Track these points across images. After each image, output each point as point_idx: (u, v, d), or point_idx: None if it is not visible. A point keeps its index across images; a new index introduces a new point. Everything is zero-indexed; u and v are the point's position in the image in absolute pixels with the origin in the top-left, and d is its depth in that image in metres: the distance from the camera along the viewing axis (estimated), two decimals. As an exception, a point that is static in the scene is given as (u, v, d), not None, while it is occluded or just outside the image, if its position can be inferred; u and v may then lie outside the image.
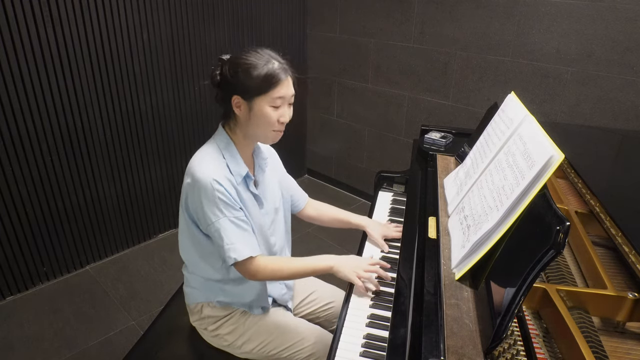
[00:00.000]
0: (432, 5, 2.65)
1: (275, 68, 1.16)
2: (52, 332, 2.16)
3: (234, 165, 1.22)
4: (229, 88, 1.19)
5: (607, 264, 1.08)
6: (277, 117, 1.19)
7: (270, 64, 1.16)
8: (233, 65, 1.18)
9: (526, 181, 0.90)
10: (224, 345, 1.33)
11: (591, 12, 2.12)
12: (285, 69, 1.18)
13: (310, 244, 2.86)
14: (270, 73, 1.15)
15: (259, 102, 1.17)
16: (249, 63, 1.16)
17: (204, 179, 1.14)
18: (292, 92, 1.21)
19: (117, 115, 2.49)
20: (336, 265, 1.24)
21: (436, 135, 1.79)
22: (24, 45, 2.06)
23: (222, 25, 2.82)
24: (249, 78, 1.15)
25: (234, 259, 1.16)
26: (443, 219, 1.23)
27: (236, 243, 1.16)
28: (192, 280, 1.34)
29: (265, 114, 1.18)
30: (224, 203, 1.15)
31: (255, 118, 1.18)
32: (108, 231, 2.67)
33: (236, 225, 1.17)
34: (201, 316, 1.33)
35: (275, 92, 1.16)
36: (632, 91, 2.09)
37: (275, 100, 1.17)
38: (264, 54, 1.19)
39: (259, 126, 1.20)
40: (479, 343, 0.83)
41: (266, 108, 1.17)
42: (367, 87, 3.17)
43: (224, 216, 1.16)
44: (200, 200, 1.16)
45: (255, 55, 1.18)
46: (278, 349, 1.30)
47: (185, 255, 1.33)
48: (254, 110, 1.18)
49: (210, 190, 1.14)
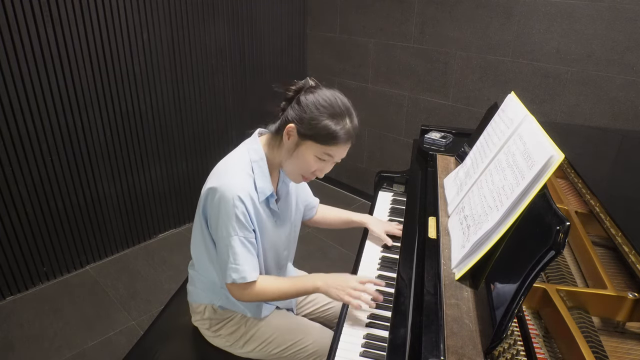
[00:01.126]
0: (432, 5, 2.65)
1: (345, 129, 1.13)
2: (52, 332, 2.16)
3: (261, 183, 1.19)
4: (293, 113, 1.14)
5: (607, 264, 1.08)
6: (315, 168, 1.17)
7: (341, 123, 1.12)
8: (310, 97, 1.13)
9: (526, 181, 0.90)
10: (226, 346, 1.33)
11: (591, 12, 2.12)
12: (352, 135, 1.15)
13: (310, 244, 2.86)
14: (336, 132, 1.11)
15: (310, 146, 1.13)
16: (324, 105, 1.11)
17: (227, 193, 1.11)
18: (343, 156, 1.20)
19: (117, 115, 2.49)
20: (324, 286, 1.19)
21: (436, 135, 1.79)
22: (24, 45, 2.06)
23: (222, 25, 2.82)
24: (317, 122, 1.10)
25: (234, 279, 1.15)
26: (443, 219, 1.23)
27: (241, 266, 1.15)
28: (197, 280, 1.34)
29: (306, 160, 1.15)
30: (239, 222, 1.13)
31: (297, 156, 1.15)
32: (108, 231, 2.67)
33: (244, 247, 1.16)
34: (203, 317, 1.33)
35: (330, 149, 1.14)
36: (632, 91, 2.09)
37: (324, 155, 1.15)
38: (343, 108, 1.14)
39: (293, 164, 1.17)
40: (479, 343, 0.83)
41: (311, 156, 1.14)
42: (367, 87, 3.17)
43: (236, 235, 1.13)
44: (217, 211, 1.14)
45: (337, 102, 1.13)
46: (279, 349, 1.30)
47: (195, 253, 1.32)
48: (301, 149, 1.14)
49: (230, 206, 1.11)
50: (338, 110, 1.12)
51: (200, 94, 2.84)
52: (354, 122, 1.16)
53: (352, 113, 1.16)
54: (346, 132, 1.13)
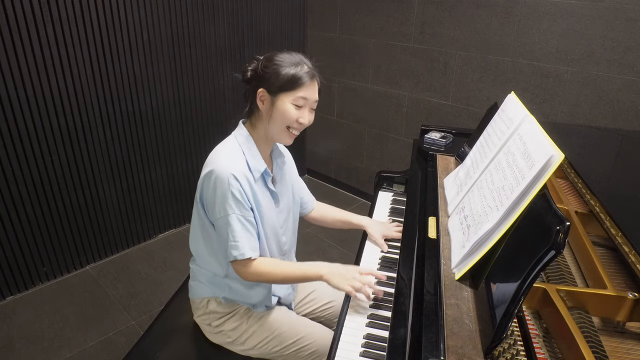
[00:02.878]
0: (432, 5, 2.65)
1: (304, 70, 1.21)
2: (52, 332, 2.16)
3: (253, 161, 1.24)
4: (257, 82, 1.23)
5: (607, 264, 1.08)
6: (296, 116, 1.23)
7: (299, 66, 1.21)
8: (265, 61, 1.23)
9: (526, 181, 0.90)
10: (227, 342, 1.33)
11: (591, 12, 2.12)
12: (312, 74, 1.23)
13: (310, 244, 2.86)
14: (297, 73, 1.20)
15: (283, 98, 1.21)
16: (280, 60, 1.21)
17: (222, 172, 1.16)
18: (316, 98, 1.25)
19: (117, 116, 2.49)
20: (327, 274, 1.22)
21: (436, 135, 1.79)
22: (24, 45, 2.06)
23: (222, 25, 2.82)
24: (278, 74, 1.20)
25: (234, 256, 1.19)
26: (443, 219, 1.23)
27: (240, 242, 1.19)
28: (199, 274, 1.35)
29: (286, 110, 1.21)
30: (235, 200, 1.17)
31: (276, 113, 1.22)
32: (108, 231, 2.67)
33: (242, 225, 1.19)
34: (206, 311, 1.34)
35: (300, 91, 1.21)
36: (632, 91, 2.09)
37: (298, 100, 1.21)
38: (296, 57, 1.24)
39: (277, 121, 1.23)
40: (479, 343, 0.83)
41: (288, 105, 1.21)
42: (367, 87, 3.17)
43: (233, 213, 1.18)
44: (214, 192, 1.18)
45: (289, 56, 1.23)
46: (280, 346, 1.30)
47: (195, 247, 1.34)
48: (276, 105, 1.21)
49: (226, 184, 1.16)
50: (293, 59, 1.22)
51: (200, 94, 2.84)
52: (311, 65, 1.25)
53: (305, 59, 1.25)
54: (307, 72, 1.22)
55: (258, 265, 1.23)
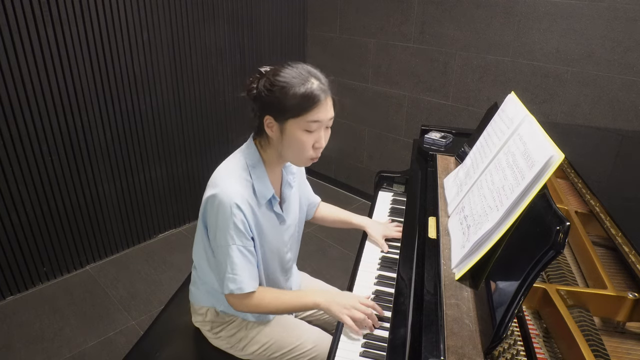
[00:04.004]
0: (432, 5, 2.65)
1: (313, 88, 1.07)
2: (52, 332, 2.16)
3: (260, 187, 1.17)
4: (262, 106, 1.12)
5: (607, 264, 1.08)
6: (311, 142, 1.11)
7: (308, 84, 1.07)
8: (269, 82, 1.09)
9: (526, 181, 0.90)
10: (226, 347, 1.33)
11: (591, 12, 2.12)
12: (324, 90, 1.09)
13: (310, 244, 2.86)
14: (307, 94, 1.06)
15: (292, 125, 1.08)
16: (285, 81, 1.07)
17: (225, 200, 1.09)
18: (331, 116, 1.12)
19: (117, 115, 2.49)
20: (325, 302, 1.15)
21: (436, 135, 1.79)
22: (24, 45, 2.06)
23: (222, 25, 2.82)
24: (284, 98, 1.06)
25: (231, 290, 1.13)
26: (443, 219, 1.23)
27: (239, 276, 1.13)
28: (199, 282, 1.33)
29: (297, 139, 1.09)
30: (237, 230, 1.11)
31: (287, 141, 1.11)
32: (108, 231, 2.67)
33: (243, 256, 1.14)
34: (205, 319, 1.33)
35: (311, 115, 1.07)
36: (632, 91, 2.09)
37: (310, 125, 1.08)
38: (303, 72, 1.10)
39: (291, 150, 1.13)
40: (479, 343, 0.83)
41: (299, 132, 1.09)
42: (367, 87, 3.17)
43: (234, 243, 1.12)
44: (216, 218, 1.12)
45: (293, 72, 1.09)
46: (280, 352, 1.29)
47: (197, 258, 1.31)
48: (286, 133, 1.10)
49: (228, 213, 1.09)
50: (298, 77, 1.08)
51: (200, 94, 2.84)
52: (320, 78, 1.11)
53: (314, 72, 1.12)
54: (315, 90, 1.07)
55: (254, 298, 1.17)
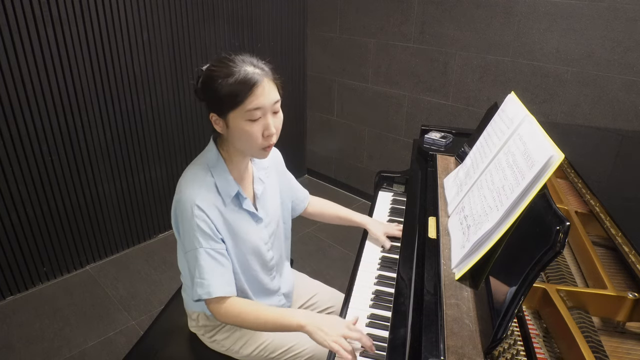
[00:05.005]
0: (432, 5, 2.65)
1: (247, 73, 1.02)
2: (52, 332, 2.16)
3: (223, 185, 1.13)
4: (205, 104, 1.09)
5: (607, 264, 1.08)
6: (260, 131, 1.05)
7: (238, 73, 1.02)
8: (205, 78, 1.06)
9: (526, 181, 0.90)
10: (222, 350, 1.32)
11: (591, 12, 2.12)
12: (260, 74, 1.03)
13: (310, 244, 2.86)
14: (240, 80, 1.01)
15: (234, 117, 1.04)
16: (217, 74, 1.03)
17: (185, 203, 1.07)
18: (274, 99, 1.06)
19: (117, 115, 2.49)
20: (309, 325, 1.05)
21: (436, 135, 1.79)
22: (24, 45, 2.06)
23: (222, 25, 2.82)
24: (219, 91, 1.02)
25: (199, 295, 1.08)
26: (443, 219, 1.23)
27: (207, 280, 1.07)
28: (187, 288, 1.32)
29: (243, 130, 1.04)
30: (202, 232, 1.07)
31: (235, 135, 1.07)
32: (108, 231, 2.67)
33: (212, 258, 1.09)
34: (198, 324, 1.33)
35: (249, 103, 1.02)
36: (632, 91, 2.09)
37: (251, 113, 1.03)
38: (236, 61, 1.04)
39: (241, 143, 1.09)
40: (479, 343, 0.83)
41: (243, 123, 1.04)
42: (367, 87, 3.17)
43: (201, 247, 1.07)
44: (182, 224, 1.10)
45: (226, 64, 1.04)
46: (276, 352, 1.28)
47: (180, 266, 1.30)
48: (231, 128, 1.06)
49: (189, 216, 1.06)
50: (230, 67, 1.03)
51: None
52: (255, 63, 1.06)
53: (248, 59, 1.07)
54: (248, 75, 1.01)
55: (231, 306, 1.10)
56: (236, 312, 1.10)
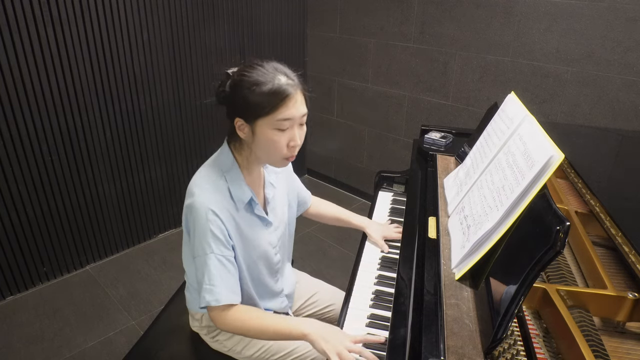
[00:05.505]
0: (432, 5, 2.65)
1: (281, 84, 1.03)
2: (52, 332, 2.16)
3: (237, 191, 1.14)
4: (231, 108, 1.09)
5: (607, 264, 1.08)
6: (285, 141, 1.07)
7: (273, 81, 1.03)
8: (235, 82, 1.07)
9: (526, 181, 0.90)
10: (224, 351, 1.32)
11: (591, 12, 2.12)
12: (293, 85, 1.05)
13: (310, 244, 2.86)
14: (274, 90, 1.02)
15: (262, 125, 1.05)
16: (250, 80, 1.03)
17: (200, 206, 1.07)
18: (303, 112, 1.07)
19: (117, 115, 2.49)
20: (313, 334, 1.04)
21: (436, 135, 1.79)
22: (24, 45, 2.06)
23: (222, 25, 2.82)
24: (250, 97, 1.03)
25: (208, 302, 1.07)
26: (443, 219, 1.23)
27: (216, 287, 1.07)
28: (191, 288, 1.32)
29: (269, 139, 1.05)
30: (215, 237, 1.07)
31: (259, 142, 1.07)
32: (108, 231, 2.67)
33: (222, 265, 1.09)
34: (201, 324, 1.32)
35: (280, 113, 1.03)
36: (632, 91, 2.09)
37: (281, 123, 1.04)
38: (269, 69, 1.06)
39: (264, 151, 1.09)
40: (479, 343, 0.83)
41: (270, 132, 1.05)
42: (367, 87, 3.17)
43: (212, 252, 1.07)
44: (194, 227, 1.09)
45: (259, 70, 1.05)
46: (278, 355, 1.28)
47: (186, 266, 1.30)
48: (257, 134, 1.06)
49: (203, 220, 1.06)
50: (263, 74, 1.04)
51: (200, 94, 2.84)
52: (288, 74, 1.07)
53: (281, 68, 1.08)
54: (282, 86, 1.03)
55: (235, 314, 1.09)
56: (239, 322, 1.10)
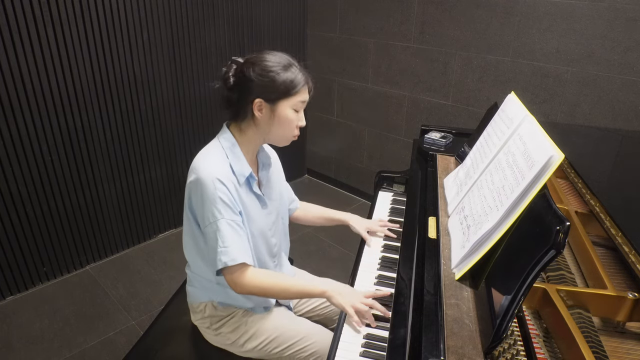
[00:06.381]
0: (432, 5, 2.65)
1: (298, 73, 1.20)
2: (52, 332, 2.16)
3: (237, 166, 1.22)
4: (250, 90, 1.18)
5: (607, 264, 1.08)
6: (297, 121, 1.23)
7: (292, 68, 1.19)
8: (257, 68, 1.18)
9: (526, 181, 0.90)
10: (226, 344, 1.33)
11: (591, 12, 2.12)
12: (306, 75, 1.22)
13: (310, 244, 2.86)
14: (295, 77, 1.19)
15: (283, 104, 1.19)
16: (272, 65, 1.17)
17: (206, 177, 1.14)
18: (308, 98, 1.25)
19: (117, 115, 2.49)
20: (330, 291, 1.19)
21: (436, 135, 1.79)
22: (24, 45, 2.06)
23: (222, 25, 2.82)
24: (275, 80, 1.17)
25: (224, 262, 1.14)
26: (443, 219, 1.23)
27: (230, 247, 1.14)
28: (194, 280, 1.34)
29: (287, 118, 1.20)
30: (223, 204, 1.14)
31: (279, 121, 1.21)
32: (108, 231, 2.67)
33: (233, 229, 1.16)
34: (204, 315, 1.33)
35: (300, 95, 1.20)
36: (632, 91, 2.09)
37: (299, 104, 1.21)
38: (284, 58, 1.20)
39: (280, 128, 1.22)
40: (479, 343, 0.83)
41: (289, 111, 1.20)
42: (367, 87, 3.17)
43: (222, 217, 1.14)
44: (201, 199, 1.15)
45: (277, 58, 1.20)
46: (280, 348, 1.30)
47: (188, 254, 1.33)
48: (277, 113, 1.20)
49: (211, 189, 1.14)
50: (285, 63, 1.19)
51: (200, 94, 2.83)
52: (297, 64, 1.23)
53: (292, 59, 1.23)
54: (302, 75, 1.21)
55: (254, 275, 1.18)
56: (258, 280, 1.18)
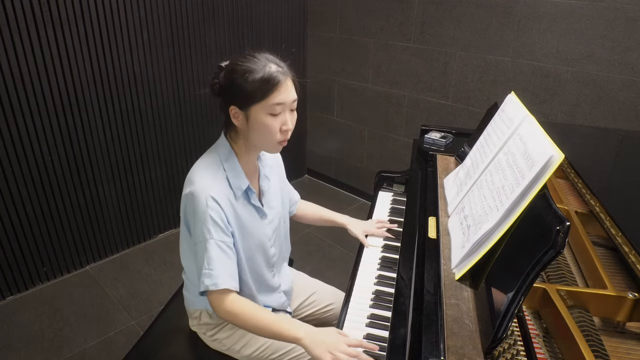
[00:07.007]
0: (432, 5, 2.65)
1: (272, 71, 1.09)
2: (52, 332, 2.16)
3: (235, 179, 1.18)
4: (226, 97, 1.14)
5: (607, 264, 1.08)
6: (278, 125, 1.12)
7: (265, 69, 1.09)
8: (228, 73, 1.13)
9: (526, 181, 0.90)
10: (223, 350, 1.32)
11: (591, 12, 2.12)
12: (283, 72, 1.11)
13: (310, 244, 2.86)
14: (266, 77, 1.08)
15: (256, 110, 1.10)
16: (243, 69, 1.10)
17: (200, 193, 1.10)
18: (293, 98, 1.14)
19: (117, 115, 2.49)
20: (306, 339, 1.04)
21: (436, 135, 1.79)
22: (24, 45, 2.06)
23: (222, 26, 2.82)
24: (243, 85, 1.09)
25: (206, 286, 1.09)
26: (443, 219, 1.23)
27: (215, 270, 1.09)
28: (190, 285, 1.32)
29: (263, 124, 1.11)
30: (214, 223, 1.10)
31: (254, 128, 1.13)
32: (108, 231, 2.67)
33: (221, 251, 1.11)
34: (200, 322, 1.32)
35: (272, 98, 1.09)
36: (632, 91, 2.09)
37: (273, 108, 1.10)
38: (260, 58, 1.12)
39: (259, 136, 1.14)
40: (479, 343, 0.83)
41: (264, 117, 1.10)
42: (367, 87, 3.17)
43: (212, 238, 1.10)
44: (193, 214, 1.12)
45: (251, 60, 1.11)
46: (277, 353, 1.28)
47: (184, 260, 1.31)
48: (252, 120, 1.12)
49: (203, 207, 1.09)
50: (255, 63, 1.10)
51: (200, 94, 2.83)
52: (278, 62, 1.13)
53: (271, 57, 1.14)
54: (273, 73, 1.09)
55: (233, 302, 1.11)
56: (237, 309, 1.11)
